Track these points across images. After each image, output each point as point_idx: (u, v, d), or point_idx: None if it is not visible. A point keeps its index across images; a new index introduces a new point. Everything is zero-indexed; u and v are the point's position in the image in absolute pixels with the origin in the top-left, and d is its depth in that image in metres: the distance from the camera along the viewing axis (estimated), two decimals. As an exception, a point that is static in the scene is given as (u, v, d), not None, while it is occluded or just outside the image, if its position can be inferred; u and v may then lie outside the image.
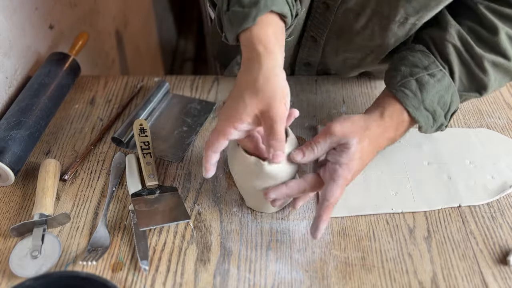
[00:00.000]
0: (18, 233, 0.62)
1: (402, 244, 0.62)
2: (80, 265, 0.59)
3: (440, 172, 0.71)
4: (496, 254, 0.61)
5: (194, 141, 0.77)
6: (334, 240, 0.62)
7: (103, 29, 1.29)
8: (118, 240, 0.62)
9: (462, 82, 0.65)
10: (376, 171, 0.71)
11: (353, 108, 0.83)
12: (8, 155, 0.67)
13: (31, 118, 0.73)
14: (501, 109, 0.83)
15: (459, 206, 0.67)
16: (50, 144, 0.77)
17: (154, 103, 0.82)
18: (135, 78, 0.90)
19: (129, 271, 0.59)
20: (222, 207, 0.67)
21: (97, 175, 0.71)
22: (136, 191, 0.67)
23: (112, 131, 0.79)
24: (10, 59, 0.82)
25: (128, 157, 0.73)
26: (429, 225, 0.64)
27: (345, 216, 0.65)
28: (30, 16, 0.89)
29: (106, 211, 0.65)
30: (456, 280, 0.58)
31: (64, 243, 0.62)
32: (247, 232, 0.64)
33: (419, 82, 0.62)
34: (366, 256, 0.61)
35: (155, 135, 0.78)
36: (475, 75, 0.64)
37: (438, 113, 0.63)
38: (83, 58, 1.05)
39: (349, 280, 0.58)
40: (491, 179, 0.70)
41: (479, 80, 0.65)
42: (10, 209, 0.67)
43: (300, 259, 0.60)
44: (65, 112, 0.83)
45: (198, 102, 0.85)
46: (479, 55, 0.63)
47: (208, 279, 0.58)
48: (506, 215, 0.66)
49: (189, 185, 0.70)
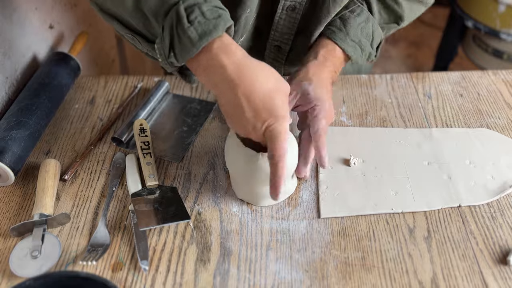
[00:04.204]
0: (18, 233, 0.62)
1: (402, 244, 0.62)
2: (80, 265, 0.59)
3: (440, 172, 0.71)
4: (496, 254, 0.61)
5: (194, 141, 0.77)
6: (334, 240, 0.62)
7: (103, 29, 1.29)
8: (118, 240, 0.62)
9: (381, 15, 0.75)
10: (376, 171, 0.71)
11: (353, 108, 0.83)
12: (8, 155, 0.67)
13: (31, 118, 0.73)
14: (501, 109, 0.83)
15: (459, 206, 0.67)
16: (50, 144, 0.77)
17: (154, 103, 0.82)
18: (135, 78, 0.90)
19: (129, 271, 0.59)
20: (222, 207, 0.67)
21: (97, 175, 0.71)
22: (136, 191, 0.67)
23: (112, 131, 0.79)
24: (10, 59, 0.82)
25: (128, 157, 0.73)
26: (429, 225, 0.64)
27: (345, 216, 0.65)
28: (30, 16, 0.89)
29: (106, 211, 0.65)
30: (456, 280, 0.58)
31: (64, 243, 0.62)
32: (247, 232, 0.64)
33: (341, 19, 0.72)
34: (366, 256, 0.61)
35: (155, 135, 0.78)
36: (391, 8, 0.75)
37: (363, 43, 0.73)
38: (83, 58, 1.05)
39: (349, 280, 0.58)
40: (491, 179, 0.70)
41: (396, 12, 0.75)
42: (10, 209, 0.67)
43: (300, 259, 0.60)
44: (65, 112, 0.83)
45: (198, 102, 0.85)
46: None
47: (208, 279, 0.58)
48: (506, 215, 0.66)
49: (189, 185, 0.70)
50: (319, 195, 0.68)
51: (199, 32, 0.56)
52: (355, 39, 0.72)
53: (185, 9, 0.56)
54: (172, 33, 0.57)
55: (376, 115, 0.82)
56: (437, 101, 0.85)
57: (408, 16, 0.76)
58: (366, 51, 0.74)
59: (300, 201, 0.68)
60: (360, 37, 0.72)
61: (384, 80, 0.89)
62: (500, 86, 0.89)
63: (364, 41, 0.73)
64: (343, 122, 0.81)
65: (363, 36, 0.72)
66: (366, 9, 0.73)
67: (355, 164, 0.72)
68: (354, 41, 0.72)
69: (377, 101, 0.85)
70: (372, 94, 0.86)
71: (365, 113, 0.82)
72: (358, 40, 0.72)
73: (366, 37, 0.73)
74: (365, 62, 0.76)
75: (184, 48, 0.57)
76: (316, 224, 0.64)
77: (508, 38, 1.77)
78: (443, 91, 0.87)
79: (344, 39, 0.71)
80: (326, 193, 0.68)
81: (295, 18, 0.73)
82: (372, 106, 0.84)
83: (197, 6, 0.56)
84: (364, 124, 0.80)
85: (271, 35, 0.76)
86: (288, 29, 0.74)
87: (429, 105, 0.84)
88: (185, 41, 0.56)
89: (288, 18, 0.73)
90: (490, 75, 0.91)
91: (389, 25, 0.77)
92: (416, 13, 0.78)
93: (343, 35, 0.71)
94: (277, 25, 0.74)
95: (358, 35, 0.72)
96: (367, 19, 0.73)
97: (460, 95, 0.87)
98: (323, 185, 0.69)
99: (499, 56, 1.88)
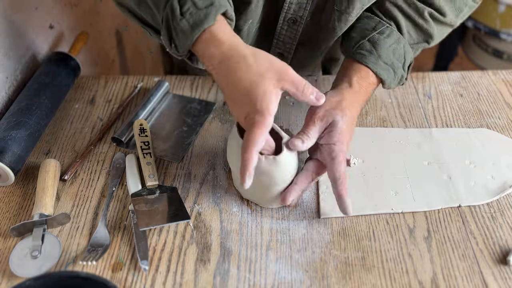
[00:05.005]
0: (18, 233, 0.62)
1: (402, 244, 0.62)
2: (80, 265, 0.59)
3: (440, 172, 0.71)
4: (496, 254, 0.61)
5: (194, 141, 0.77)
6: (334, 240, 0.62)
7: (103, 29, 1.29)
8: (118, 240, 0.62)
9: (410, 34, 0.72)
10: (376, 171, 0.71)
11: (353, 108, 0.83)
12: (8, 155, 0.67)
13: (31, 118, 0.73)
14: (501, 109, 0.83)
15: (459, 206, 0.67)
16: (50, 144, 0.77)
17: (154, 103, 0.82)
18: (135, 78, 0.90)
19: (129, 271, 0.59)
20: (222, 207, 0.67)
21: (97, 175, 0.71)
22: (136, 191, 0.67)
23: (112, 131, 0.79)
24: (10, 59, 0.82)
25: (128, 157, 0.73)
26: (429, 225, 0.64)
27: (345, 216, 0.65)
28: (30, 16, 0.89)
29: (106, 211, 0.65)
30: (456, 280, 0.58)
31: (64, 243, 0.62)
32: (247, 232, 0.64)
33: (371, 42, 0.69)
34: (366, 256, 0.61)
35: (155, 135, 0.78)
36: (420, 26, 0.71)
37: (396, 65, 0.69)
38: (83, 58, 1.05)
39: (349, 280, 0.58)
40: (491, 179, 0.70)
41: (425, 30, 0.72)
42: (10, 209, 0.67)
43: (300, 259, 0.60)
44: (65, 112, 0.83)
45: (198, 102, 0.85)
46: (420, 8, 0.70)
47: (208, 279, 0.58)
48: (506, 215, 0.66)
49: (189, 185, 0.70)
50: (319, 195, 0.68)
51: (191, 23, 0.57)
52: (387, 62, 0.68)
53: (179, 1, 0.57)
54: (169, 25, 0.59)
55: (376, 115, 0.82)
56: (437, 101, 0.85)
57: (436, 35, 0.73)
58: (398, 73, 0.70)
59: (300, 201, 0.67)
60: (392, 59, 0.68)
61: (384, 80, 0.89)
62: (500, 86, 0.89)
63: (396, 63, 0.69)
64: (343, 122, 0.81)
65: (395, 58, 0.69)
66: (395, 30, 0.70)
67: (355, 164, 0.72)
68: (387, 64, 0.68)
69: (377, 101, 0.85)
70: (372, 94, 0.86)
71: (365, 113, 0.82)
72: (390, 62, 0.68)
73: (398, 59, 0.69)
74: (396, 85, 0.72)
75: (180, 39, 0.58)
76: (316, 224, 0.64)
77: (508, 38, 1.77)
78: (443, 91, 0.87)
79: (377, 62, 0.67)
80: (326, 193, 0.68)
81: (296, 30, 0.72)
82: (372, 106, 0.84)
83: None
84: (364, 124, 0.80)
85: (274, 43, 0.76)
86: (290, 39, 0.74)
87: (429, 105, 0.84)
88: (179, 33, 0.58)
89: (289, 29, 0.73)
90: (490, 75, 0.91)
91: (418, 44, 0.74)
92: (443, 35, 0.75)
93: (375, 58, 0.67)
94: (279, 35, 0.74)
95: (391, 57, 0.68)
96: (398, 39, 0.69)
97: (460, 95, 0.87)
98: (323, 185, 0.69)
99: (499, 56, 1.88)
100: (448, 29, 0.75)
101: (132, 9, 0.66)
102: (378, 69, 0.68)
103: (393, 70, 0.69)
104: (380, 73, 0.68)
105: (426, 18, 0.70)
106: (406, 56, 0.70)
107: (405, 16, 0.70)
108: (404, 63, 0.70)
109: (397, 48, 0.69)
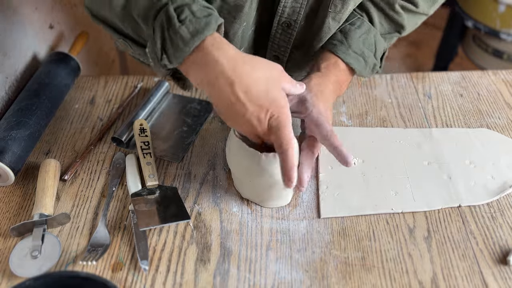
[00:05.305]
0: (18, 233, 0.62)
1: (402, 244, 0.62)
2: (80, 265, 0.59)
3: (440, 172, 0.71)
4: (496, 254, 0.61)
5: (194, 141, 0.77)
6: (334, 240, 0.62)
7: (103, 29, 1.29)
8: (118, 240, 0.62)
9: (382, 25, 0.75)
10: (376, 171, 0.71)
11: (353, 108, 0.83)
12: (8, 155, 0.67)
13: (31, 118, 0.73)
14: (501, 109, 0.83)
15: (459, 206, 0.67)
16: (50, 144, 0.77)
17: (154, 103, 0.82)
18: (135, 78, 0.90)
19: (129, 271, 0.59)
20: (222, 207, 0.67)
21: (97, 175, 0.71)
22: (136, 191, 0.67)
23: (112, 131, 0.79)
24: (10, 59, 0.82)
25: (128, 157, 0.73)
26: (429, 225, 0.64)
27: (345, 216, 0.65)
28: (30, 16, 0.89)
29: (106, 211, 0.65)
30: (456, 280, 0.58)
31: (64, 243, 0.62)
32: (247, 232, 0.64)
33: (342, 32, 0.72)
34: (366, 256, 0.61)
35: (155, 135, 0.78)
36: (390, 17, 0.74)
37: (366, 54, 0.72)
38: (83, 58, 1.05)
39: (349, 280, 0.58)
40: (491, 179, 0.70)
41: (396, 21, 0.75)
42: (10, 209, 0.67)
43: (300, 259, 0.60)
44: (65, 112, 0.83)
45: (198, 102, 0.85)
46: (391, 1, 0.73)
47: (208, 279, 0.58)
48: (506, 215, 0.66)
49: (189, 185, 0.70)
50: (319, 195, 0.68)
51: (190, 30, 0.56)
52: (357, 51, 0.71)
53: (175, 10, 0.56)
54: (163, 34, 0.57)
55: (376, 115, 0.82)
56: (437, 101, 0.85)
57: (408, 25, 0.76)
58: (370, 62, 0.73)
59: (300, 201, 0.68)
60: (362, 49, 0.71)
61: (384, 80, 0.89)
62: (500, 86, 0.89)
63: (367, 52, 0.72)
64: (343, 122, 0.81)
65: (365, 47, 0.72)
66: (366, 21, 0.73)
67: (355, 164, 0.72)
68: (357, 53, 0.71)
69: (377, 101, 0.85)
70: (372, 94, 0.86)
71: (365, 113, 0.82)
72: (360, 51, 0.71)
73: (368, 48, 0.72)
74: (370, 74, 0.75)
75: (177, 48, 0.57)
76: (316, 224, 0.64)
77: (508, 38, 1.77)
78: (443, 91, 0.87)
79: (346, 52, 0.71)
80: (326, 193, 0.68)
81: (290, 34, 0.73)
82: (372, 106, 0.84)
83: (187, 6, 0.57)
84: (364, 124, 0.80)
85: (269, 46, 0.76)
86: (285, 42, 0.74)
87: (429, 105, 0.84)
88: (177, 41, 0.56)
89: (284, 33, 0.73)
90: (490, 75, 0.91)
91: (391, 34, 0.77)
92: (417, 22, 0.78)
93: (345, 48, 0.71)
94: (274, 38, 0.74)
95: (360, 47, 0.71)
96: (368, 30, 0.72)
97: (460, 95, 0.87)
98: (323, 185, 0.69)
99: (499, 56, 1.88)
100: (421, 18, 0.78)
101: (109, 21, 0.65)
102: (348, 58, 0.71)
103: (363, 59, 0.72)
104: (349, 62, 0.71)
105: (397, 10, 0.73)
106: (377, 46, 0.73)
107: (377, 8, 0.73)
108: (375, 52, 0.73)
109: (367, 38, 0.72)
